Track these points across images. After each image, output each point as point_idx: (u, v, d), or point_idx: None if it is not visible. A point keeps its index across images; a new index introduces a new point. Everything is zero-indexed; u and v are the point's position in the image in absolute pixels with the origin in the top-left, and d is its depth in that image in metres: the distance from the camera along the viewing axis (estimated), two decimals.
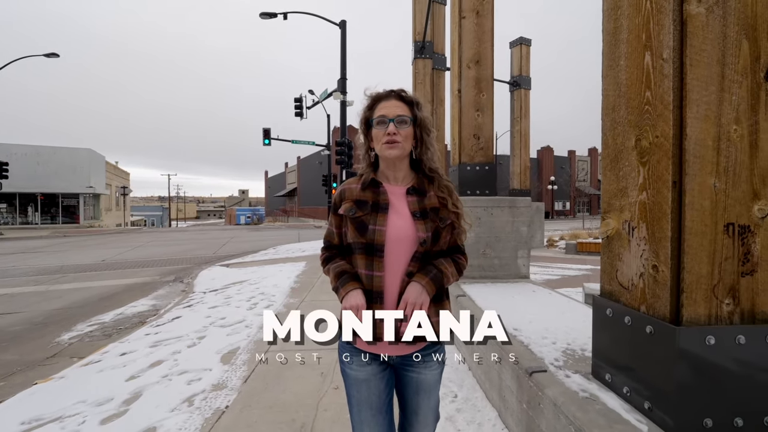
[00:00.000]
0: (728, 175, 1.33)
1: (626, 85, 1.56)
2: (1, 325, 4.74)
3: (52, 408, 2.53)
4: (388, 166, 1.25)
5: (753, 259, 1.34)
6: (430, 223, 1.20)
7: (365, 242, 1.19)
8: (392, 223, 1.20)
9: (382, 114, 1.20)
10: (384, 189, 1.24)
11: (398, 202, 1.23)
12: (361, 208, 1.22)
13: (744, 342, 1.31)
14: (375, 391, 1.24)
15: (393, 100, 1.22)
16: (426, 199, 1.23)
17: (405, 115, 1.20)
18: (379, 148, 1.21)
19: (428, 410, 1.31)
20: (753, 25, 1.32)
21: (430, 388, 1.29)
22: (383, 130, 1.19)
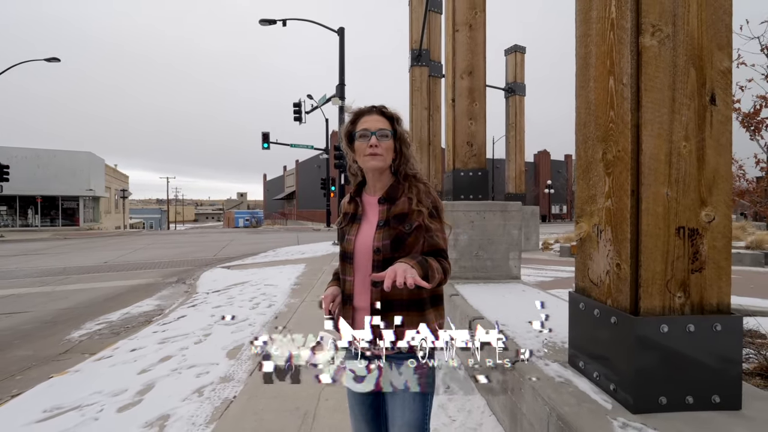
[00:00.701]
0: (679, 185, 1.53)
1: (595, 105, 1.77)
2: (12, 323, 4.90)
3: (70, 398, 2.70)
4: (370, 177, 1.32)
5: (701, 258, 1.54)
6: (390, 231, 1.22)
7: (342, 250, 1.33)
8: (361, 232, 1.29)
9: (364, 128, 1.26)
10: (363, 201, 1.34)
11: (371, 212, 1.31)
12: (345, 219, 1.35)
13: (693, 330, 1.51)
14: (358, 398, 1.33)
15: (375, 115, 1.29)
16: (394, 207, 1.26)
17: (386, 129, 1.27)
18: (361, 160, 1.28)
19: (402, 423, 1.21)
20: (699, 56, 1.53)
21: (405, 397, 1.20)
22: (366, 142, 1.25)
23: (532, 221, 12.43)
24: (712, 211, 1.54)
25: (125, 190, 34.18)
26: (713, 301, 1.55)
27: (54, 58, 19.87)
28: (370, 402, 1.33)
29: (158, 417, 2.42)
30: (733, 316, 1.54)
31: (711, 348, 1.51)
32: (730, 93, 1.56)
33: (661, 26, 1.53)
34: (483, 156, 4.80)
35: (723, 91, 1.54)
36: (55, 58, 19.90)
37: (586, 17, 1.83)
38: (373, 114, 1.29)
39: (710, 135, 1.54)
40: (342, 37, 14.70)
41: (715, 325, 1.51)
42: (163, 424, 2.34)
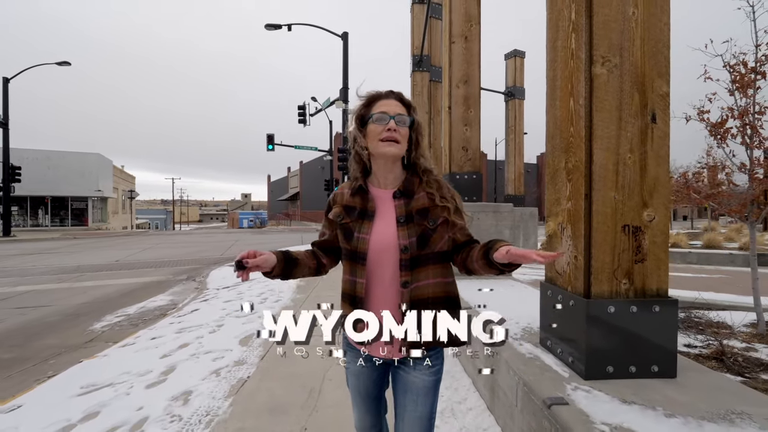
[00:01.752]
0: (624, 190, 1.84)
1: (560, 120, 2.07)
2: (39, 315, 5.26)
3: (102, 377, 3.03)
4: (381, 167, 1.22)
5: (643, 251, 1.85)
6: (415, 228, 1.16)
7: (350, 249, 1.20)
8: (376, 230, 1.18)
9: (382, 110, 1.17)
10: (372, 195, 1.23)
11: (385, 208, 1.21)
12: (349, 214, 1.22)
13: (636, 311, 1.81)
14: (366, 382, 1.31)
15: (393, 100, 1.20)
16: (413, 201, 1.18)
17: (404, 115, 1.18)
18: (375, 144, 1.17)
19: (414, 417, 1.20)
20: (642, 82, 1.84)
21: (419, 392, 1.20)
22: (383, 125, 1.15)
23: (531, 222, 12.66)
24: (652, 212, 1.85)
25: (132, 190, 34.80)
26: (653, 287, 1.86)
27: (65, 62, 20.39)
28: (375, 394, 1.34)
29: (182, 392, 2.75)
30: (669, 299, 1.84)
31: (650, 326, 1.81)
32: (668, 113, 1.86)
33: (610, 57, 1.83)
34: (477, 160, 5.10)
35: (662, 111, 1.85)
36: (66, 62, 20.42)
37: (553, 46, 2.13)
38: (391, 98, 1.20)
39: (651, 148, 1.84)
40: (346, 42, 15.05)
41: (654, 307, 1.81)
42: (187, 398, 2.66)
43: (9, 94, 19.66)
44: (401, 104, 1.21)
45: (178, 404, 2.59)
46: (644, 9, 1.83)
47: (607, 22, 1.83)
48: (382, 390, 1.35)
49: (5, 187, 19.58)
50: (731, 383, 1.80)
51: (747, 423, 1.43)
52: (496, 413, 2.28)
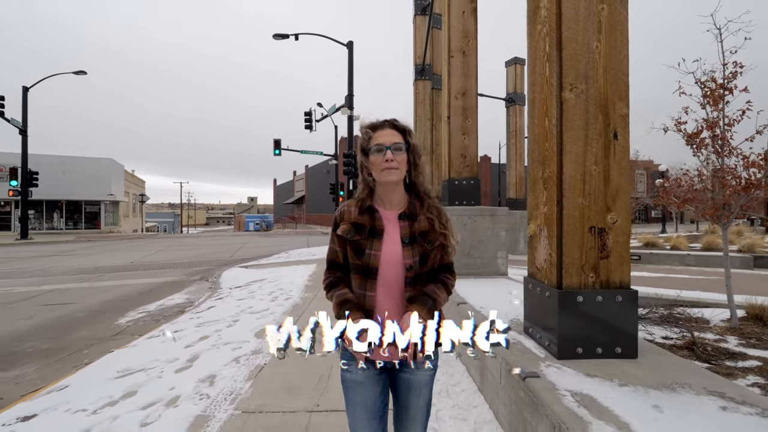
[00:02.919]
0: (590, 196, 2.15)
1: (538, 137, 2.39)
2: (68, 311, 5.66)
3: (135, 363, 3.39)
4: (385, 190, 1.33)
5: (607, 249, 2.15)
6: (418, 248, 1.28)
7: (361, 264, 1.28)
8: (386, 248, 1.29)
9: (379, 143, 1.28)
10: (379, 215, 1.33)
11: (391, 228, 1.31)
12: (359, 231, 1.30)
13: (601, 300, 2.12)
14: (371, 394, 1.31)
15: (388, 129, 1.31)
16: (416, 224, 1.30)
17: (400, 143, 1.28)
18: (377, 174, 1.29)
19: (417, 408, 1.37)
20: (605, 105, 2.15)
21: (421, 387, 1.35)
22: (381, 157, 1.26)
23: None
24: (615, 216, 2.16)
25: (143, 194, 35.57)
26: (617, 280, 2.16)
27: (81, 71, 21.08)
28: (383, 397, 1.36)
29: (207, 376, 3.09)
30: (630, 290, 2.14)
31: (614, 313, 2.11)
32: (628, 130, 2.18)
33: (577, 84, 2.15)
34: (475, 166, 5.41)
35: (623, 130, 2.16)
36: (82, 71, 21.11)
37: (532, 71, 2.46)
38: (386, 128, 1.31)
39: (614, 161, 2.15)
40: (351, 50, 15.46)
41: (617, 297, 2.12)
42: (213, 380, 3.01)
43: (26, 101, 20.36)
44: (396, 131, 1.31)
45: (205, 385, 2.93)
46: (606, 43, 2.15)
47: (574, 54, 2.15)
48: (386, 406, 1.36)
49: (23, 191, 20.25)
50: (685, 363, 2.09)
51: (686, 391, 1.73)
52: (485, 393, 2.58)
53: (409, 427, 1.40)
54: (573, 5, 2.16)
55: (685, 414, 1.54)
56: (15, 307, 5.98)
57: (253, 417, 2.47)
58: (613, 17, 2.16)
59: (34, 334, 4.63)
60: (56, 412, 2.62)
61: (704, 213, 3.50)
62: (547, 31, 2.26)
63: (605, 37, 2.15)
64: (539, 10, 2.35)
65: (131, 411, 2.59)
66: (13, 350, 4.08)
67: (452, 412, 2.45)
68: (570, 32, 2.16)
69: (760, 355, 2.81)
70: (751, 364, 2.69)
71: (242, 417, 2.47)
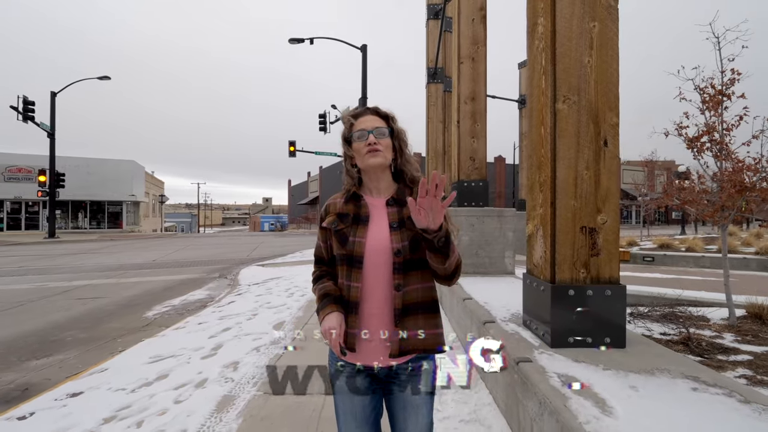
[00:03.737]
0: (582, 199, 2.34)
1: (535, 143, 2.59)
2: (99, 305, 6.06)
3: (165, 351, 3.70)
4: (371, 177, 1.28)
5: (597, 247, 2.34)
6: (407, 233, 1.20)
7: (345, 253, 1.22)
8: (371, 235, 1.22)
9: (361, 128, 1.24)
10: (365, 202, 1.28)
11: (378, 214, 1.26)
12: (343, 220, 1.25)
13: (591, 294, 2.30)
14: (359, 403, 1.25)
15: (369, 115, 1.27)
16: (405, 209, 1.23)
17: (383, 127, 1.24)
18: (362, 159, 1.24)
19: (415, 429, 1.24)
20: (596, 114, 2.34)
21: (418, 404, 1.23)
22: (364, 141, 1.22)
23: None
24: (605, 216, 2.34)
25: (163, 195, 36.69)
26: (606, 275, 2.34)
27: (105, 77, 21.96)
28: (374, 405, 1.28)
29: (231, 362, 3.37)
30: (619, 285, 2.32)
31: (603, 306, 2.29)
32: (617, 138, 2.36)
33: (570, 96, 2.35)
34: (484, 169, 5.59)
35: (613, 138, 2.34)
36: (106, 77, 21.99)
37: (530, 83, 2.66)
38: (367, 114, 1.28)
39: (604, 166, 2.34)
40: (365, 54, 15.75)
41: (606, 291, 2.30)
42: (236, 366, 3.29)
43: (54, 106, 21.33)
44: (378, 117, 1.27)
45: (229, 370, 3.21)
46: (597, 58, 2.33)
47: (567, 68, 2.34)
48: (379, 413, 1.30)
49: (51, 192, 21.21)
50: (669, 353, 2.26)
51: (664, 375, 1.91)
52: (486, 380, 2.79)
53: None
54: (566, 23, 2.36)
55: (658, 393, 1.72)
56: (52, 301, 6.42)
57: (273, 398, 2.73)
58: (603, 34, 2.35)
59: (71, 324, 5.01)
60: (99, 391, 2.93)
61: (705, 215, 3.62)
62: (543, 47, 2.46)
63: (596, 52, 2.34)
64: (537, 27, 2.55)
65: (165, 390, 2.88)
66: (54, 339, 4.45)
67: (455, 396, 2.66)
68: (563, 48, 2.36)
69: (752, 350, 2.93)
70: (743, 358, 2.82)
71: (263, 397, 2.73)
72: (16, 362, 3.73)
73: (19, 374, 3.44)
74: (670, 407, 1.61)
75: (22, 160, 26.86)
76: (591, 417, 1.54)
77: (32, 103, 19.47)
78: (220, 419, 2.46)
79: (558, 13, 2.36)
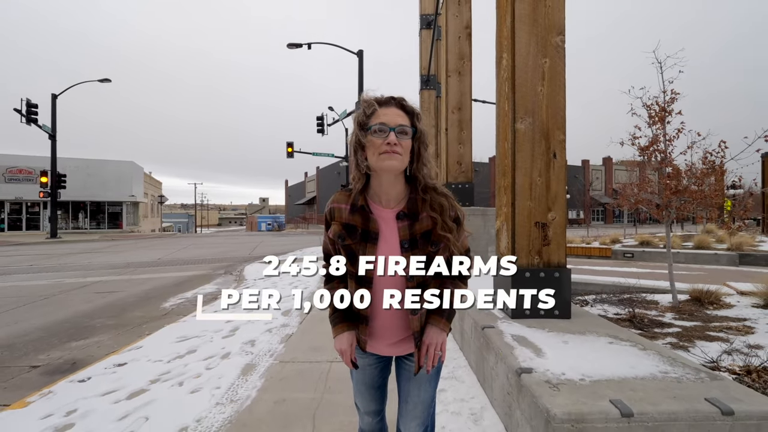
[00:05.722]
0: (536, 200, 2.93)
1: (501, 155, 3.18)
2: (117, 298, 6.60)
3: (189, 332, 4.26)
4: (381, 183, 1.16)
5: (548, 239, 2.93)
6: (419, 253, 1.15)
7: (355, 272, 1.17)
8: (381, 254, 1.16)
9: (382, 121, 1.10)
10: (374, 216, 1.18)
11: (388, 230, 1.17)
12: (351, 235, 1.17)
13: (543, 276, 2.89)
14: (369, 374, 1.38)
15: (394, 108, 1.13)
16: (417, 224, 1.16)
17: (406, 125, 1.12)
18: (374, 158, 1.12)
19: (417, 401, 1.30)
20: (547, 132, 2.93)
21: (421, 380, 1.29)
22: (383, 138, 1.09)
23: None
24: (554, 214, 2.93)
25: (162, 195, 37.09)
26: (555, 261, 2.94)
27: (106, 79, 22.37)
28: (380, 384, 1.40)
29: (248, 341, 3.94)
30: (565, 268, 2.91)
31: (553, 285, 2.88)
32: (564, 152, 2.95)
33: (526, 117, 2.94)
34: (470, 172, 6.19)
35: (560, 151, 2.94)
36: (107, 79, 22.40)
37: (497, 105, 3.24)
38: (391, 107, 1.14)
39: (553, 174, 2.93)
40: (361, 59, 16.31)
41: (555, 273, 2.89)
42: (253, 343, 3.86)
43: (54, 108, 21.72)
44: (403, 112, 1.14)
45: (248, 346, 3.78)
46: (548, 88, 2.93)
47: (524, 95, 2.93)
48: (386, 379, 1.41)
49: (53, 193, 21.60)
50: (602, 321, 2.86)
51: (592, 334, 2.50)
52: (464, 350, 3.38)
53: (408, 422, 1.34)
54: (524, 59, 2.95)
55: (582, 344, 2.32)
56: (72, 295, 6.95)
57: (288, 364, 3.30)
58: (553, 68, 2.94)
59: (97, 314, 5.55)
60: (140, 362, 3.49)
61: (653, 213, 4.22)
62: (506, 77, 3.05)
63: (547, 83, 2.93)
64: (502, 60, 3.14)
65: (196, 361, 3.45)
66: (85, 325, 4.99)
67: None
68: (521, 79, 2.95)
69: (683, 324, 3.53)
70: (674, 330, 3.43)
71: (280, 364, 3.31)
72: (58, 344, 4.28)
73: (64, 352, 3.99)
74: (587, 351, 2.20)
75: (23, 161, 27.20)
76: (527, 358, 2.13)
77: (35, 105, 19.87)
78: (246, 380, 3.03)
79: (517, 51, 2.95)
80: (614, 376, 1.88)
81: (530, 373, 1.94)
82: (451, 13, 6.10)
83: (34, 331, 4.68)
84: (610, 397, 1.68)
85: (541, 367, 2.01)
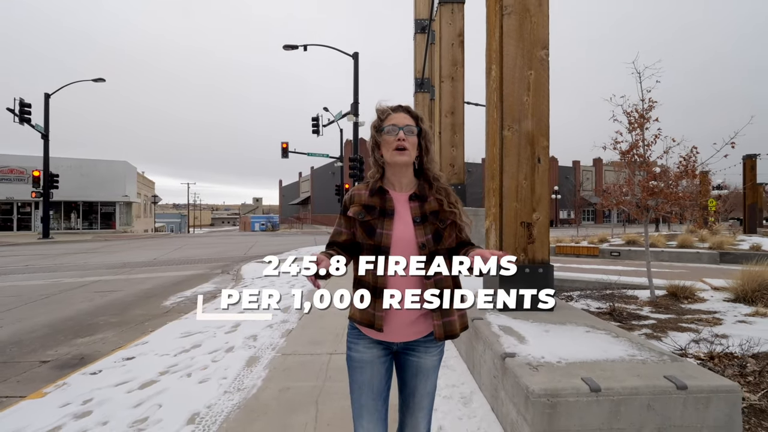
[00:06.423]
0: (522, 201, 3.16)
1: (490, 159, 3.41)
2: (118, 297, 6.73)
3: (192, 329, 4.43)
4: (395, 173, 1.38)
5: (533, 237, 3.17)
6: (430, 227, 1.32)
7: (373, 244, 1.31)
8: (397, 227, 1.32)
9: (392, 123, 1.34)
10: (390, 196, 1.37)
11: (402, 209, 1.35)
12: (370, 212, 1.34)
13: (528, 271, 3.13)
14: (377, 374, 1.37)
15: (401, 113, 1.37)
16: (426, 204, 1.35)
17: (412, 125, 1.35)
18: (389, 154, 1.34)
19: (424, 393, 1.40)
20: (532, 139, 3.17)
21: (428, 372, 1.39)
22: (393, 136, 1.32)
23: None
24: (539, 214, 3.17)
25: (156, 195, 36.88)
26: (539, 258, 3.17)
27: (100, 79, 22.28)
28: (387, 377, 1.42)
29: (250, 335, 4.13)
30: (549, 264, 3.15)
31: (537, 280, 3.12)
32: (548, 157, 3.19)
33: (513, 126, 3.17)
34: (462, 174, 6.42)
35: (544, 157, 3.18)
36: (101, 79, 22.31)
37: (487, 113, 3.48)
38: (400, 112, 1.38)
39: (538, 177, 3.17)
40: (356, 61, 16.51)
41: (539, 269, 3.13)
42: (256, 337, 4.04)
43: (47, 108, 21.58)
44: (409, 116, 1.38)
45: (251, 341, 3.97)
46: (533, 98, 3.16)
47: (511, 105, 3.17)
48: (389, 387, 1.42)
49: (45, 193, 21.47)
50: (582, 312, 3.10)
51: (571, 324, 2.74)
52: (455, 342, 3.60)
53: (415, 413, 1.42)
54: (511, 71, 3.18)
55: (562, 333, 2.55)
56: (72, 294, 7.05)
57: (290, 357, 3.50)
58: (538, 80, 3.17)
59: (100, 312, 5.69)
60: (147, 356, 3.66)
61: (633, 213, 4.50)
62: (495, 87, 3.28)
63: (533, 93, 3.17)
64: (491, 71, 3.37)
65: (202, 354, 3.63)
66: (89, 323, 5.13)
67: None
68: (509, 89, 3.18)
69: (659, 317, 3.79)
70: (649, 322, 3.68)
71: (282, 357, 3.50)
72: (64, 340, 4.42)
73: (71, 348, 4.14)
74: (566, 338, 2.44)
75: (15, 161, 26.94)
76: (512, 344, 2.36)
77: (28, 105, 19.75)
78: (251, 371, 3.23)
79: (505, 63, 3.18)
80: (587, 359, 2.11)
81: (513, 357, 2.17)
82: (445, 21, 6.34)
83: (39, 329, 4.81)
84: (582, 375, 1.91)
85: (523, 352, 2.23)
